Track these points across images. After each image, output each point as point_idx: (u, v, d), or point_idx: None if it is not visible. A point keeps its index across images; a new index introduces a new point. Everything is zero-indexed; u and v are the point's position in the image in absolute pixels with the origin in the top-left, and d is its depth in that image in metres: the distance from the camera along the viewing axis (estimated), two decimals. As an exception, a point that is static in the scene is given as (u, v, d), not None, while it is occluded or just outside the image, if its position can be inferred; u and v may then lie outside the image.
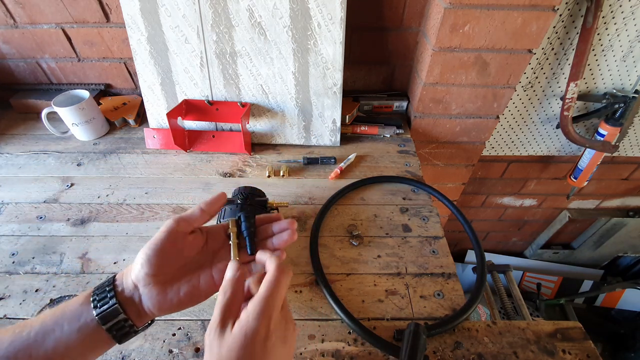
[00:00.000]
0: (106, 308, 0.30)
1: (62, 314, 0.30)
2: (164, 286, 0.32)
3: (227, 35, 0.65)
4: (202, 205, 0.35)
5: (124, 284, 0.32)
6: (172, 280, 0.33)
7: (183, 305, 0.33)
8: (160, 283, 0.32)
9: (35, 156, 0.73)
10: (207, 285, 0.34)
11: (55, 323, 0.29)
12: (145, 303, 0.32)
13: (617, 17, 0.74)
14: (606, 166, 1.10)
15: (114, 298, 0.31)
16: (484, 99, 0.76)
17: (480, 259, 0.55)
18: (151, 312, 0.32)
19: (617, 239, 1.36)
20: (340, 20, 0.62)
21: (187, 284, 0.34)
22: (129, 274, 0.32)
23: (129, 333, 0.32)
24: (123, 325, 0.31)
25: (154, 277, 0.32)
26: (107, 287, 0.32)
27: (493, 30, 0.64)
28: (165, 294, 0.32)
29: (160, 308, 0.32)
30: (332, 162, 0.72)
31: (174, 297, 0.33)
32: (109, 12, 0.73)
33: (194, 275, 0.34)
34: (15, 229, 0.59)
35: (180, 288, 0.33)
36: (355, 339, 0.46)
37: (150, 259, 0.31)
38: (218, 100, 0.72)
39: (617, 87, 0.87)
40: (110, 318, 0.30)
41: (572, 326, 0.47)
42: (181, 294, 0.33)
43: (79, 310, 0.30)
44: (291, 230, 0.37)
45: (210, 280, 0.35)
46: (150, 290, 0.32)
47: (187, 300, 0.33)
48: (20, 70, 0.84)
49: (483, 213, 1.34)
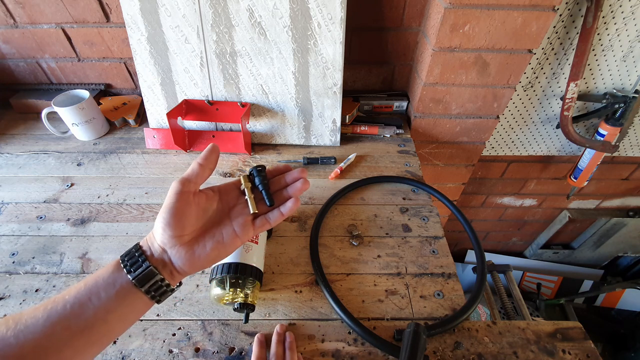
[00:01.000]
0: (141, 271, 0.31)
1: (95, 283, 0.30)
2: (190, 245, 0.34)
3: (227, 35, 0.65)
4: (199, 160, 0.36)
5: (152, 249, 0.33)
6: (197, 238, 0.34)
7: (212, 260, 0.35)
8: (186, 243, 0.33)
9: (35, 156, 0.73)
10: (231, 239, 0.36)
11: (90, 292, 0.30)
12: (176, 263, 0.33)
13: (617, 17, 0.74)
14: (606, 166, 1.10)
15: (146, 261, 0.32)
16: (484, 99, 0.76)
17: (480, 259, 0.55)
18: (183, 270, 0.34)
19: (617, 239, 1.36)
20: (340, 20, 0.62)
21: (212, 239, 0.35)
22: (153, 239, 0.33)
23: (166, 292, 0.33)
24: (160, 285, 0.32)
25: (178, 238, 0.33)
26: (135, 253, 0.32)
27: (493, 30, 0.64)
28: (193, 252, 0.34)
29: (192, 265, 0.34)
30: (332, 162, 0.72)
31: (201, 253, 0.34)
32: (109, 12, 0.73)
33: (216, 231, 0.36)
34: (15, 229, 0.59)
35: (206, 244, 0.34)
36: (355, 339, 0.46)
37: (170, 222, 0.32)
38: (218, 100, 0.72)
39: (617, 87, 0.87)
40: (147, 280, 0.31)
41: (572, 326, 0.47)
42: (208, 250, 0.34)
43: (112, 277, 0.31)
44: (303, 179, 0.39)
45: (232, 233, 0.36)
46: (178, 251, 0.33)
47: (215, 255, 0.35)
48: (20, 70, 0.84)
49: (483, 213, 1.34)
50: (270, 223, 0.37)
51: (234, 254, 0.45)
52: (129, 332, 0.46)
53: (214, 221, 0.36)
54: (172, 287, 0.34)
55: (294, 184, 0.39)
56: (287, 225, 0.60)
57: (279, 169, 0.40)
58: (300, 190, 0.38)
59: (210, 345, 0.45)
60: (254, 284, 0.45)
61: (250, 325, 0.47)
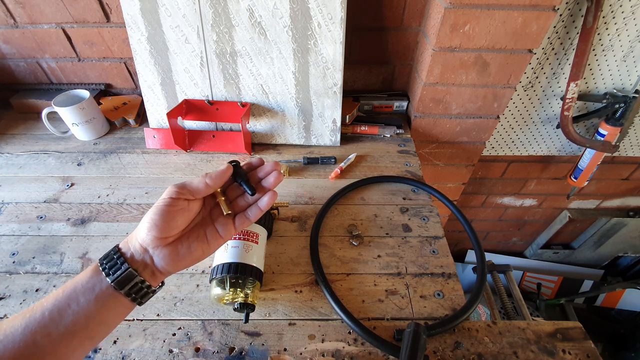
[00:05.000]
0: (120, 273, 0.31)
1: (73, 289, 0.30)
2: (174, 245, 0.34)
3: (227, 35, 0.65)
4: (208, 180, 0.36)
5: (131, 250, 0.33)
6: (180, 239, 0.35)
7: (195, 260, 0.35)
8: (169, 244, 0.33)
9: (36, 156, 0.73)
10: (214, 239, 0.36)
11: (68, 299, 0.29)
12: (158, 263, 0.33)
13: (618, 17, 0.74)
14: (606, 166, 1.10)
15: (125, 263, 0.31)
16: (484, 98, 0.76)
17: (481, 258, 0.55)
18: (166, 270, 0.33)
19: (617, 239, 1.36)
20: (340, 20, 0.62)
21: (196, 240, 0.35)
22: (133, 239, 0.33)
23: (147, 293, 0.33)
24: (140, 287, 0.32)
25: (162, 240, 0.33)
26: (114, 255, 0.32)
27: (493, 30, 0.64)
28: (176, 252, 0.34)
29: (175, 266, 0.34)
30: (332, 162, 0.72)
31: (185, 253, 0.34)
32: (109, 12, 0.73)
33: (200, 232, 0.36)
34: (16, 229, 0.59)
35: (191, 245, 0.35)
36: (355, 338, 0.46)
37: (157, 223, 0.32)
38: (218, 100, 0.72)
39: (617, 87, 0.87)
40: (127, 282, 0.31)
41: (572, 326, 0.47)
42: (192, 250, 0.35)
43: (91, 281, 0.30)
44: (277, 171, 0.39)
45: (215, 234, 0.37)
46: (161, 251, 0.33)
47: (199, 255, 0.35)
48: (20, 70, 0.84)
49: (483, 213, 1.34)
50: (250, 220, 0.38)
51: (234, 253, 0.45)
52: (129, 332, 0.46)
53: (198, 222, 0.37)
54: (154, 287, 0.34)
55: (267, 178, 0.39)
56: (287, 225, 0.60)
57: (252, 165, 0.41)
58: (274, 183, 0.39)
59: (211, 345, 0.45)
60: (254, 284, 0.45)
61: (250, 325, 0.47)
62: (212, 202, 0.39)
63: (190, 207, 0.35)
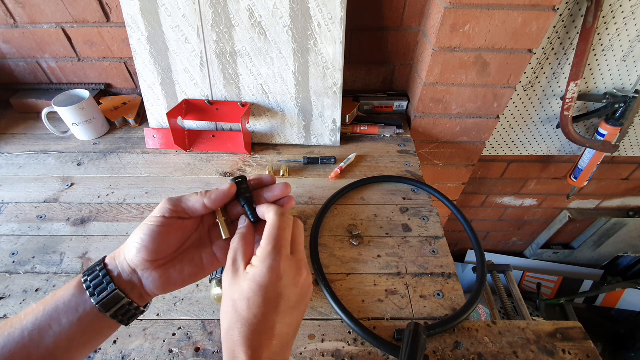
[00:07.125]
0: (106, 295, 0.28)
1: (55, 307, 0.28)
2: (166, 269, 0.31)
3: (227, 35, 0.65)
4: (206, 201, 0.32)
5: (119, 268, 0.30)
6: (173, 262, 0.32)
7: (187, 283, 0.32)
8: (160, 266, 0.31)
9: (36, 156, 0.73)
10: (210, 263, 0.33)
11: (50, 318, 0.27)
12: (147, 286, 0.30)
13: (618, 17, 0.74)
14: (606, 166, 1.10)
15: (111, 284, 0.29)
16: (484, 98, 0.76)
17: (481, 258, 0.55)
18: (154, 293, 0.31)
19: (617, 239, 1.36)
20: (340, 20, 0.62)
21: (190, 263, 0.32)
22: (121, 257, 0.30)
23: (135, 315, 0.31)
24: (128, 309, 0.30)
25: (152, 262, 0.30)
26: (99, 272, 0.29)
27: (493, 30, 0.64)
28: (168, 275, 0.31)
29: (165, 289, 0.31)
30: (332, 162, 0.72)
31: (177, 277, 0.31)
32: (109, 12, 0.73)
33: (195, 255, 0.33)
34: (16, 229, 0.59)
35: (184, 268, 0.32)
36: (355, 338, 0.46)
37: (147, 245, 0.29)
38: (218, 100, 0.72)
39: (617, 87, 0.87)
40: (113, 304, 0.29)
41: (572, 326, 0.47)
42: (185, 273, 0.32)
43: (74, 301, 0.28)
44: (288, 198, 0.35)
45: (212, 257, 0.34)
46: (150, 274, 0.30)
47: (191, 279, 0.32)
48: (20, 70, 0.84)
49: (483, 213, 1.34)
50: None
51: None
52: (129, 332, 0.46)
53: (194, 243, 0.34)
54: (142, 308, 0.31)
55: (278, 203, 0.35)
56: (287, 225, 0.60)
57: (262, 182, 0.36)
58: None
59: (211, 345, 0.45)
60: (254, 284, 0.45)
61: (250, 325, 0.47)
62: (211, 220, 0.35)
63: (185, 225, 0.32)
